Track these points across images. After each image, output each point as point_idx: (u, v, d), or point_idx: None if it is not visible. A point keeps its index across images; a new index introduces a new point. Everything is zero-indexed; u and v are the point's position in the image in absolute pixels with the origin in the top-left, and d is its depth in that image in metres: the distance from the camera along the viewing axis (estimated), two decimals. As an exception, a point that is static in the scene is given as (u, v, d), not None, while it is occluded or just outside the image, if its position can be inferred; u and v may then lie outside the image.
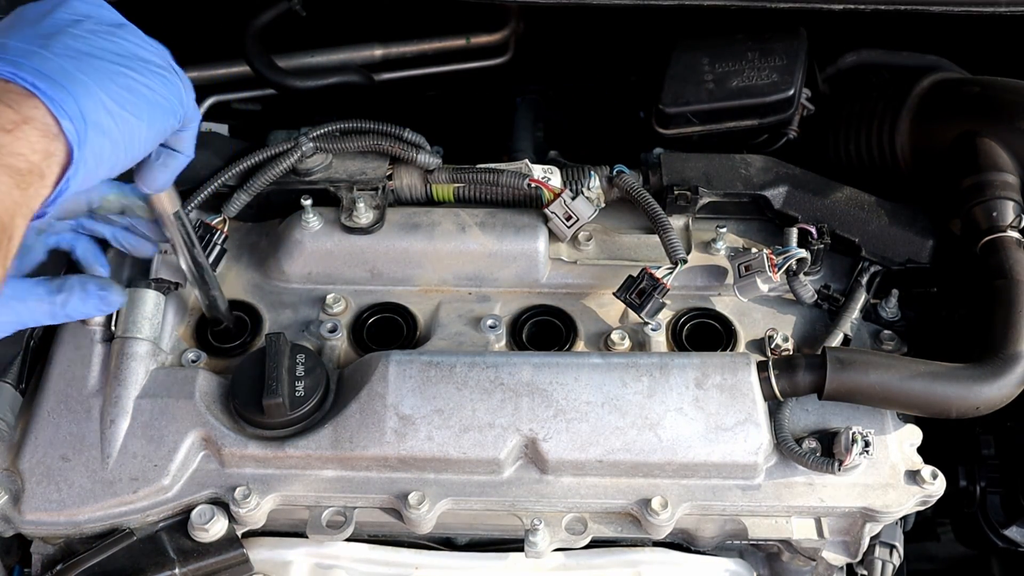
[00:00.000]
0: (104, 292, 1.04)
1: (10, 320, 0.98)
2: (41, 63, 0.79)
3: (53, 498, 1.10)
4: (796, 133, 1.45)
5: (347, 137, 1.35)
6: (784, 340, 1.23)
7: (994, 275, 1.18)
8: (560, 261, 1.31)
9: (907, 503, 1.12)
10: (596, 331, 1.26)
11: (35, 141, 0.76)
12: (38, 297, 0.99)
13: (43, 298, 1.00)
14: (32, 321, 1.01)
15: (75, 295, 1.01)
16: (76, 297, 1.01)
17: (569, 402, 1.12)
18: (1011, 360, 1.11)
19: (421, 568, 1.19)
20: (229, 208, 1.31)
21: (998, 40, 1.46)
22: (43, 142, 0.77)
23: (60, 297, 1.00)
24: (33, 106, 0.77)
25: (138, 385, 1.15)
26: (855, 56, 1.57)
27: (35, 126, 0.76)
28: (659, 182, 1.35)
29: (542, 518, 1.11)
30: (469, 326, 1.25)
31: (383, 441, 1.10)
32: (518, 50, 1.71)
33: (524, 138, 1.59)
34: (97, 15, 0.87)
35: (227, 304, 1.22)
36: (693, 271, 1.29)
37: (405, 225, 1.29)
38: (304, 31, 1.63)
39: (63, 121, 0.78)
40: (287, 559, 1.18)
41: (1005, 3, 1.29)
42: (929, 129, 1.35)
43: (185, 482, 1.12)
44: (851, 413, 1.17)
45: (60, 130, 0.78)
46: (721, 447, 1.10)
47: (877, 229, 1.30)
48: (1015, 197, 1.22)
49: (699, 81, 1.40)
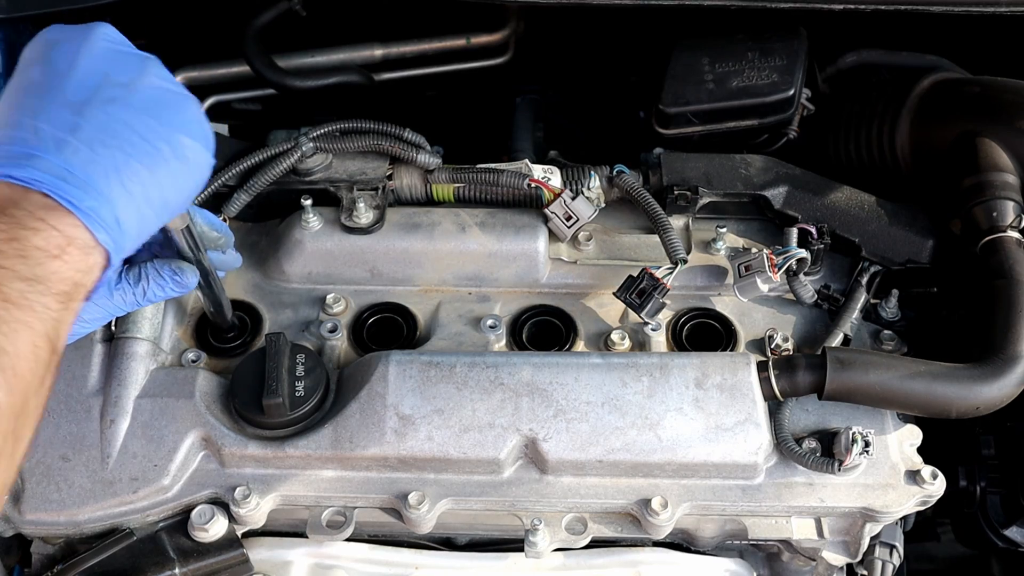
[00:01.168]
0: (178, 275, 1.06)
1: (100, 316, 1.02)
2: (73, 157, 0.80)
3: (53, 498, 1.10)
4: (796, 133, 1.45)
5: (347, 137, 1.35)
6: (784, 340, 1.23)
7: (994, 275, 1.18)
8: (560, 261, 1.31)
9: (907, 503, 1.12)
10: (596, 331, 1.26)
11: (78, 261, 0.79)
12: (121, 291, 1.02)
13: (125, 290, 1.03)
14: (118, 312, 1.04)
15: (152, 281, 1.04)
16: (154, 283, 1.04)
17: (569, 402, 1.12)
18: (1011, 360, 1.10)
19: (421, 568, 1.19)
20: (229, 208, 1.32)
21: (998, 40, 1.46)
22: (85, 260, 0.80)
23: (140, 286, 1.03)
24: (73, 224, 0.79)
25: (138, 385, 1.15)
26: (855, 56, 1.57)
27: (77, 245, 0.79)
28: (659, 182, 1.35)
29: (542, 518, 1.11)
30: (469, 326, 1.25)
31: (383, 441, 1.10)
32: (518, 50, 1.71)
33: (524, 138, 1.59)
34: (120, 55, 0.87)
35: (231, 310, 1.22)
36: (693, 271, 1.29)
37: (405, 225, 1.29)
38: (304, 31, 1.63)
39: (99, 235, 0.80)
40: (287, 559, 1.18)
41: (1005, 3, 1.29)
42: (929, 129, 1.35)
43: (185, 482, 1.12)
44: (851, 413, 1.17)
45: (97, 242, 0.80)
46: (721, 447, 1.10)
47: (877, 229, 1.30)
48: (1015, 197, 1.22)
49: (699, 81, 1.40)
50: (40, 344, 0.76)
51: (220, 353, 1.24)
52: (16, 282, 0.75)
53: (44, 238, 0.77)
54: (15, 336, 0.74)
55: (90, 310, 1.02)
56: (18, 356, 0.73)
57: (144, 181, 0.84)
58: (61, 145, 0.80)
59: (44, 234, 0.77)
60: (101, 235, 0.80)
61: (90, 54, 0.86)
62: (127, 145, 0.83)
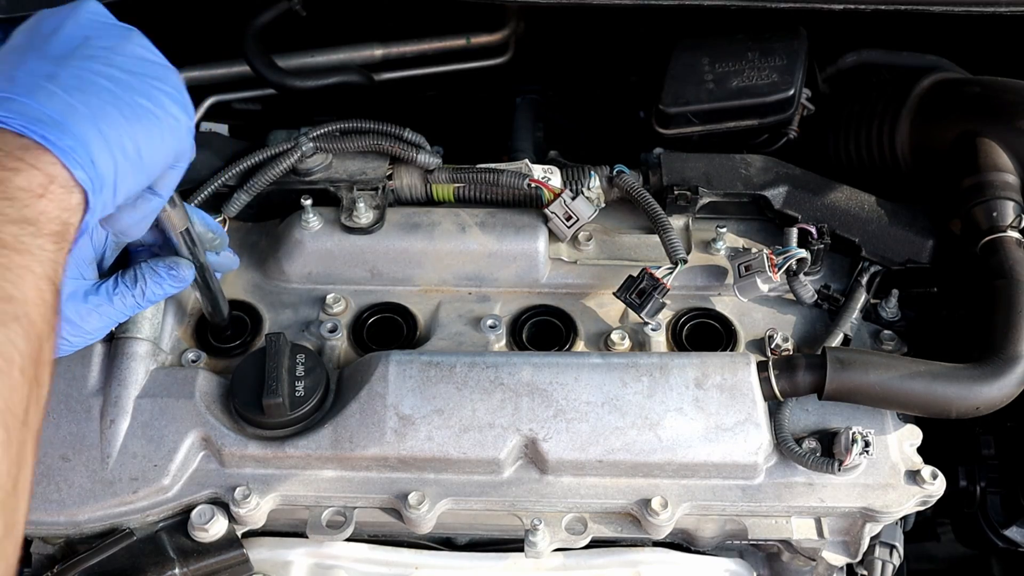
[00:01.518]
0: (174, 270, 1.06)
1: (103, 325, 1.03)
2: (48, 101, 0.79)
3: (53, 498, 1.10)
4: (796, 133, 1.45)
5: (347, 137, 1.35)
6: (784, 340, 1.23)
7: (994, 275, 1.18)
8: (560, 261, 1.31)
9: (907, 503, 1.12)
10: (596, 331, 1.26)
11: (61, 199, 0.78)
12: (120, 295, 1.03)
13: (124, 294, 1.03)
14: (121, 316, 1.05)
15: (150, 280, 1.04)
16: (152, 281, 1.04)
17: (569, 402, 1.12)
18: (1011, 360, 1.10)
19: (421, 568, 1.19)
20: (229, 208, 1.32)
21: (998, 40, 1.46)
22: (66, 198, 0.78)
23: (138, 287, 1.04)
24: (51, 162, 0.78)
25: (138, 385, 1.15)
26: (855, 56, 1.57)
27: (58, 183, 0.78)
28: (659, 182, 1.35)
29: (542, 518, 1.11)
30: (469, 326, 1.25)
31: (383, 441, 1.10)
32: (518, 50, 1.71)
33: (524, 138, 1.59)
34: (104, 26, 0.88)
35: (229, 310, 1.22)
36: (693, 271, 1.29)
37: (405, 225, 1.29)
38: (304, 31, 1.63)
39: (76, 172, 0.79)
40: (287, 559, 1.18)
41: (1005, 3, 1.29)
42: (929, 129, 1.35)
43: (185, 482, 1.12)
44: (851, 413, 1.17)
45: (75, 181, 0.79)
46: (721, 447, 1.10)
47: (877, 229, 1.30)
48: (1015, 197, 1.22)
49: (699, 81, 1.40)
50: (44, 287, 0.74)
51: (220, 353, 1.24)
52: (8, 226, 0.73)
53: (26, 178, 0.75)
54: (21, 282, 0.72)
55: (93, 319, 1.02)
56: (27, 302, 0.72)
57: (119, 128, 0.82)
58: (36, 89, 0.79)
59: (25, 174, 0.75)
60: (79, 173, 0.79)
61: (75, 22, 0.86)
62: (104, 93, 0.82)
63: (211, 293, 1.16)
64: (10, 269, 0.72)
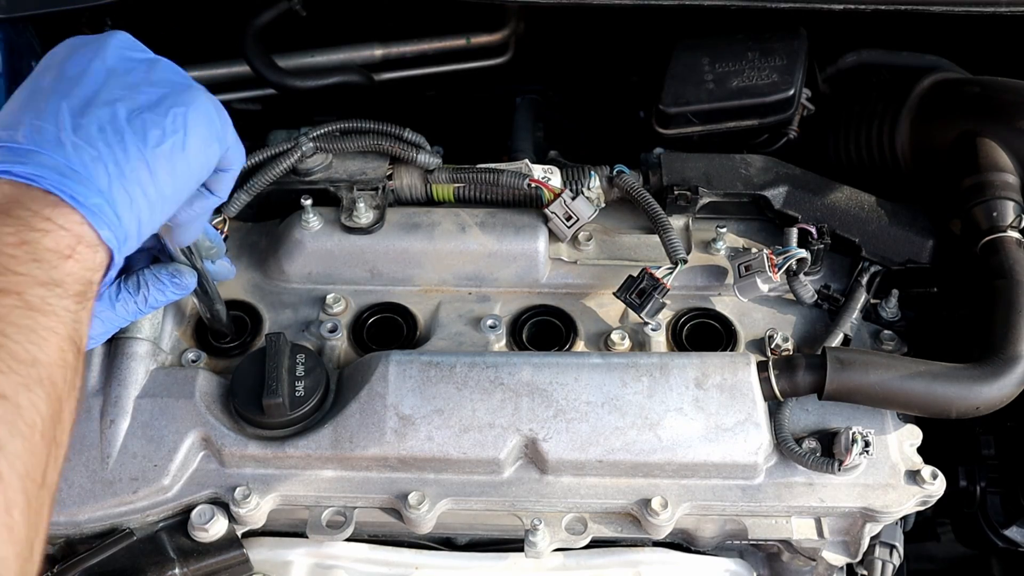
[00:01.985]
0: (177, 277, 1.06)
1: (104, 331, 1.03)
2: (75, 154, 0.80)
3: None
4: (796, 133, 1.45)
5: (347, 137, 1.35)
6: (784, 340, 1.23)
7: (994, 275, 1.18)
8: (560, 261, 1.31)
9: (907, 503, 1.12)
10: (596, 331, 1.26)
11: (87, 259, 0.79)
12: (123, 301, 1.03)
13: (127, 300, 1.03)
14: (123, 322, 1.05)
15: (152, 287, 1.05)
16: (154, 288, 1.05)
17: (569, 402, 1.12)
18: (1011, 360, 1.10)
19: (421, 568, 1.19)
20: (229, 208, 1.31)
21: (998, 40, 1.46)
22: (92, 257, 0.80)
23: (140, 293, 1.04)
24: (78, 222, 0.79)
25: (138, 385, 1.15)
26: (855, 56, 1.57)
27: (85, 243, 0.79)
28: (659, 182, 1.35)
29: (542, 518, 1.11)
30: (469, 326, 1.25)
31: (383, 441, 1.10)
32: (518, 50, 1.71)
33: (524, 138, 1.59)
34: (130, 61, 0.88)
35: (228, 315, 1.22)
36: (693, 271, 1.29)
37: (405, 225, 1.29)
38: (304, 31, 1.63)
39: (103, 232, 0.80)
40: (287, 559, 1.18)
41: (1005, 3, 1.29)
42: (929, 129, 1.35)
43: (185, 482, 1.12)
44: (851, 413, 1.17)
45: (101, 240, 0.81)
46: (721, 447, 1.10)
47: (877, 229, 1.30)
48: (1015, 197, 1.22)
49: (699, 81, 1.40)
50: (66, 348, 0.76)
51: (220, 353, 1.24)
52: (36, 288, 0.75)
53: (54, 239, 0.77)
54: (45, 344, 0.74)
55: (95, 325, 1.02)
56: (51, 365, 0.74)
57: (143, 177, 0.84)
58: (62, 143, 0.80)
59: (54, 235, 0.77)
60: (105, 232, 0.81)
61: (102, 61, 0.86)
62: (129, 137, 0.83)
63: (210, 300, 1.16)
64: (36, 332, 0.74)
